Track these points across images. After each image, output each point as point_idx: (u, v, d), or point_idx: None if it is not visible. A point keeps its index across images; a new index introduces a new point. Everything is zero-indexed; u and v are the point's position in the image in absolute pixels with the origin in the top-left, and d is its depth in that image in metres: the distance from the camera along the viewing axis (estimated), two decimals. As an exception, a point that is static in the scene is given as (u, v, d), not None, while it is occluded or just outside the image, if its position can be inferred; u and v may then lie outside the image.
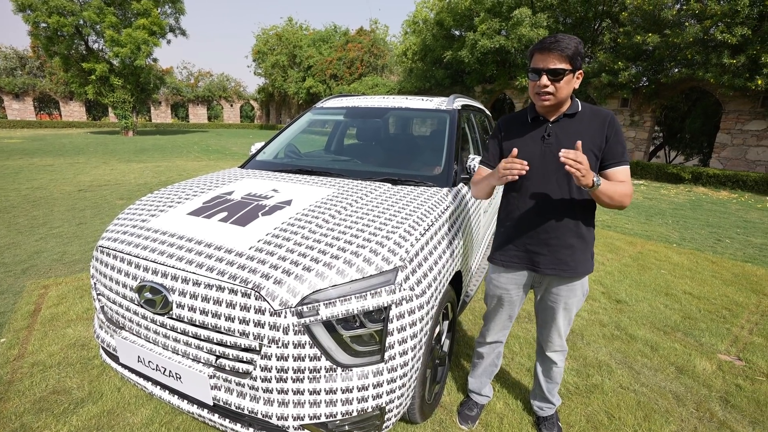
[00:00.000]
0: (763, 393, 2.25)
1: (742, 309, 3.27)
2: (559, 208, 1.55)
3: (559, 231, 1.56)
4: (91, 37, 21.14)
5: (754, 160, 9.66)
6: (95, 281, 1.70)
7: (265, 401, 1.34)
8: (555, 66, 1.41)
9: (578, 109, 1.54)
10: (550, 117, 1.56)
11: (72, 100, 31.10)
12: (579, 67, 1.45)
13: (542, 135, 1.55)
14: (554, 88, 1.44)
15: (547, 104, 1.49)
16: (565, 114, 1.54)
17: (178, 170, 9.80)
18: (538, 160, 1.55)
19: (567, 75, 1.42)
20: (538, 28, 12.83)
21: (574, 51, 1.40)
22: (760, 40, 8.33)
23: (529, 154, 1.56)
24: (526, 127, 1.61)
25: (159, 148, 15.24)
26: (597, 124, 1.51)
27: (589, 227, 1.59)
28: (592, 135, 1.49)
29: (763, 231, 5.85)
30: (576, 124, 1.53)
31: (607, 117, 1.52)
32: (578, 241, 1.57)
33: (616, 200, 1.44)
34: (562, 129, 1.53)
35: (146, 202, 2.00)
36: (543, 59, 1.43)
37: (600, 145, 1.49)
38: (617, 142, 1.49)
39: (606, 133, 1.49)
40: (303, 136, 3.11)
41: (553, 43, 1.41)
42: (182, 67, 42.48)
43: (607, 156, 1.50)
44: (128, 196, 6.72)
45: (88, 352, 2.40)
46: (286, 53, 32.14)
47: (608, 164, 1.50)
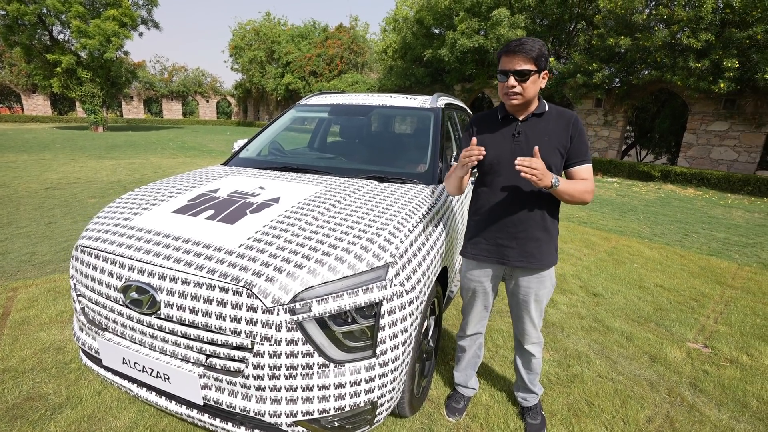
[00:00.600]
0: (728, 377, 2.40)
1: (708, 299, 3.46)
2: (526, 203, 1.63)
3: (526, 224, 1.64)
4: (56, 27, 20.16)
5: (717, 159, 10.18)
6: (75, 282, 1.64)
7: (257, 399, 1.34)
8: (521, 67, 1.49)
9: (545, 109, 1.63)
10: (519, 116, 1.64)
11: (35, 93, 29.59)
12: (544, 68, 1.54)
13: (512, 133, 1.64)
14: (521, 88, 1.52)
15: (516, 103, 1.56)
16: (534, 113, 1.62)
17: (153, 168, 9.50)
18: (508, 157, 1.62)
19: (533, 75, 1.51)
20: (516, 29, 13.08)
21: (538, 53, 1.48)
22: (722, 45, 8.78)
23: (500, 150, 1.64)
24: (497, 125, 1.68)
25: (132, 145, 14.71)
26: (562, 125, 1.60)
27: (553, 221, 1.69)
28: (558, 134, 1.59)
29: (725, 226, 6.19)
30: (543, 123, 1.61)
31: (571, 118, 1.61)
32: (544, 234, 1.66)
33: (576, 197, 1.54)
34: (530, 128, 1.62)
35: (127, 200, 1.94)
36: (509, 61, 1.51)
37: (565, 144, 1.59)
38: (581, 142, 1.59)
39: (570, 133, 1.59)
40: (284, 133, 3.09)
41: (518, 46, 1.48)
42: (155, 61, 40.85)
43: (571, 155, 1.59)
44: (101, 194, 6.47)
45: (64, 356, 2.31)
46: (264, 49, 31.56)
47: (572, 163, 1.60)
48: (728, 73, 8.59)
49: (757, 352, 2.68)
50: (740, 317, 3.15)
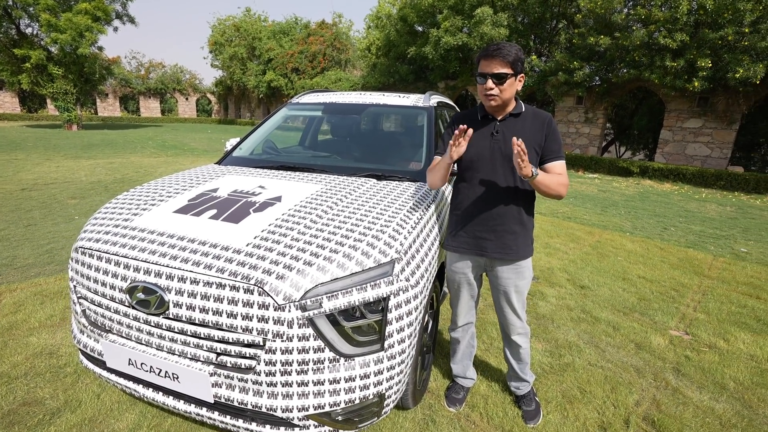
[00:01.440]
0: (707, 362, 2.53)
1: (687, 289, 3.63)
2: (504, 198, 1.72)
3: (504, 218, 1.73)
4: (24, 20, 19.32)
5: (691, 155, 10.60)
6: (75, 284, 1.62)
7: (269, 395, 1.36)
8: (498, 71, 1.57)
9: (522, 110, 1.73)
10: (497, 116, 1.73)
11: (2, 90, 28.31)
12: (520, 72, 1.63)
13: (491, 132, 1.72)
14: (498, 90, 1.61)
15: (494, 104, 1.66)
16: (511, 114, 1.72)
17: (133, 167, 9.26)
18: (487, 154, 1.72)
19: (509, 78, 1.60)
20: (499, 27, 13.24)
21: (515, 57, 1.57)
22: (696, 45, 9.13)
23: (480, 148, 1.73)
24: (477, 124, 1.76)
25: (109, 144, 14.28)
26: (538, 124, 1.70)
27: (529, 215, 1.79)
28: (534, 133, 1.68)
29: (700, 219, 6.47)
30: (520, 123, 1.71)
31: (546, 118, 1.72)
32: (520, 227, 1.76)
33: (552, 189, 1.63)
34: (508, 127, 1.71)
35: (124, 201, 1.92)
36: (488, 65, 1.59)
37: (540, 143, 1.69)
38: (554, 140, 1.69)
39: (545, 132, 1.69)
40: (273, 131, 3.08)
41: (495, 50, 1.57)
42: (131, 57, 39.84)
43: (546, 152, 1.69)
44: (81, 195, 6.29)
45: (58, 360, 2.27)
46: (244, 45, 31.01)
47: (547, 159, 1.70)
48: (702, 72, 8.94)
49: (733, 337, 2.84)
50: (717, 305, 3.32)
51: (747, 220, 6.54)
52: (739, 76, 8.53)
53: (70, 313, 1.82)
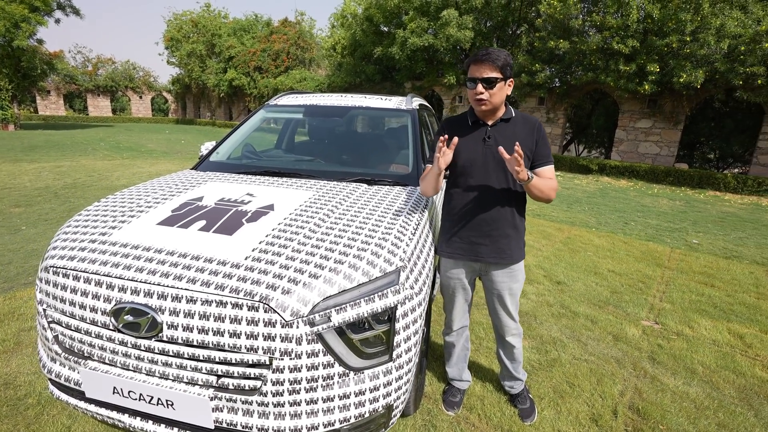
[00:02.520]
0: (677, 348, 2.71)
1: (652, 281, 3.86)
2: (498, 202, 1.75)
3: (498, 223, 1.76)
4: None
5: (643, 153, 11.35)
6: (45, 307, 1.46)
7: (275, 416, 1.29)
8: (488, 75, 1.60)
9: (512, 115, 1.76)
10: (488, 121, 1.75)
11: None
12: (509, 76, 1.66)
13: (483, 137, 1.74)
14: (489, 94, 1.63)
15: (485, 108, 1.68)
16: (502, 119, 1.75)
17: (85, 171, 8.62)
18: (480, 159, 1.73)
19: (499, 83, 1.62)
20: (464, 30, 13.54)
21: (504, 62, 1.60)
22: (646, 51, 9.77)
23: (472, 153, 1.74)
24: (468, 130, 1.78)
25: (54, 145, 13.21)
26: (528, 129, 1.74)
27: (521, 219, 1.83)
28: (524, 138, 1.72)
29: (656, 214, 6.92)
30: (511, 128, 1.74)
31: (535, 123, 1.76)
32: (513, 231, 1.80)
33: (545, 193, 1.68)
34: (499, 132, 1.73)
35: (96, 213, 1.76)
36: (477, 69, 1.61)
37: (531, 147, 1.72)
38: (544, 145, 1.74)
39: (535, 137, 1.73)
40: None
41: (485, 55, 1.60)
42: (76, 52, 36.94)
43: (536, 157, 1.74)
44: (27, 202, 5.76)
45: (16, 391, 2.05)
46: (203, 42, 29.76)
47: (538, 164, 1.74)
48: (651, 76, 9.59)
49: (696, 324, 3.05)
50: (679, 295, 3.56)
51: (695, 213, 7.08)
52: (682, 81, 9.21)
53: (37, 338, 1.64)
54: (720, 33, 8.86)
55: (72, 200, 5.99)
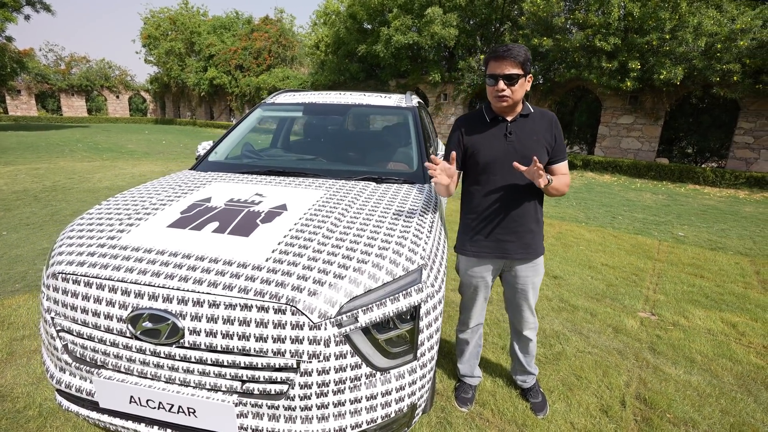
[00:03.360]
0: (675, 338, 2.78)
1: (644, 273, 3.96)
2: (522, 198, 1.76)
3: (523, 219, 1.76)
4: None
5: (626, 148, 11.64)
6: (53, 315, 1.40)
7: (303, 420, 1.27)
8: (509, 71, 1.59)
9: (531, 110, 1.76)
10: (508, 117, 1.74)
11: None
12: (529, 72, 1.66)
13: (504, 133, 1.74)
14: (510, 91, 1.62)
15: (505, 105, 1.67)
16: (521, 114, 1.74)
17: (65, 173, 8.31)
18: (502, 157, 1.72)
19: (520, 79, 1.62)
20: (448, 27, 13.59)
21: (524, 58, 1.60)
22: (627, 48, 10.01)
23: (494, 151, 1.74)
24: (486, 127, 1.77)
25: (28, 147, 12.69)
26: (546, 124, 1.75)
27: (541, 213, 1.86)
28: (543, 133, 1.73)
29: (641, 207, 7.11)
30: (531, 123, 1.74)
31: (552, 118, 1.77)
32: (536, 225, 1.81)
33: (560, 190, 1.72)
34: (520, 128, 1.73)
35: (99, 216, 1.70)
36: (498, 66, 1.60)
37: (550, 142, 1.74)
38: (561, 141, 1.77)
39: (553, 132, 1.74)
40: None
41: (505, 51, 1.59)
42: (47, 50, 35.55)
43: (554, 153, 1.75)
44: (5, 206, 5.52)
45: (14, 404, 1.96)
46: (182, 40, 29.04)
47: (555, 160, 1.76)
48: (632, 73, 9.82)
49: (691, 314, 3.14)
50: (672, 286, 3.66)
51: (678, 207, 7.30)
52: (663, 77, 9.48)
53: (42, 348, 1.57)
54: (697, 31, 9.15)
55: (53, 203, 5.77)
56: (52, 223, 4.80)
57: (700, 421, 2.00)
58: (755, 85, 8.95)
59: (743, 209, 7.25)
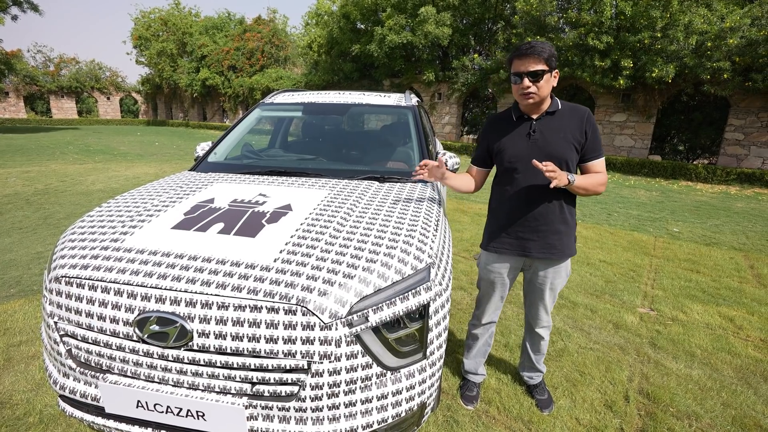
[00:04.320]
0: (675, 333, 2.81)
1: (641, 269, 4.00)
2: (546, 197, 1.72)
3: (548, 218, 1.73)
4: None
5: (619, 146, 11.76)
6: (56, 320, 1.37)
7: (314, 421, 1.26)
8: (534, 68, 1.57)
9: (558, 107, 1.72)
10: (533, 115, 1.72)
11: None
12: (554, 67, 1.63)
13: (528, 132, 1.72)
14: (536, 88, 1.60)
15: (531, 102, 1.64)
16: (547, 112, 1.71)
17: (57, 176, 8.19)
18: (525, 155, 1.70)
19: (545, 75, 1.59)
20: (442, 27, 13.63)
21: (549, 53, 1.58)
22: (620, 47, 10.11)
23: (518, 149, 1.72)
24: (512, 125, 1.76)
25: (18, 150, 12.50)
26: (576, 121, 1.69)
27: (572, 213, 1.80)
28: (572, 130, 1.68)
29: (635, 204, 7.18)
30: (557, 121, 1.70)
31: (584, 114, 1.71)
32: (564, 226, 1.77)
33: (590, 191, 1.68)
34: (545, 125, 1.70)
35: (101, 219, 1.67)
36: (522, 63, 1.59)
37: (580, 140, 1.68)
38: (595, 138, 1.70)
39: (584, 128, 1.68)
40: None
41: (529, 48, 1.57)
42: (35, 51, 34.96)
43: (587, 150, 1.70)
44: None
45: (14, 410, 1.93)
46: (173, 40, 28.81)
47: (588, 158, 1.71)
48: (625, 71, 9.93)
49: (689, 309, 3.18)
50: (669, 281, 3.70)
51: (672, 203, 7.38)
52: (654, 75, 9.59)
53: (43, 353, 1.54)
54: (688, 29, 9.26)
55: (46, 207, 5.69)
56: (45, 227, 4.72)
57: (702, 414, 2.02)
58: (745, 82, 9.09)
59: (735, 205, 7.35)
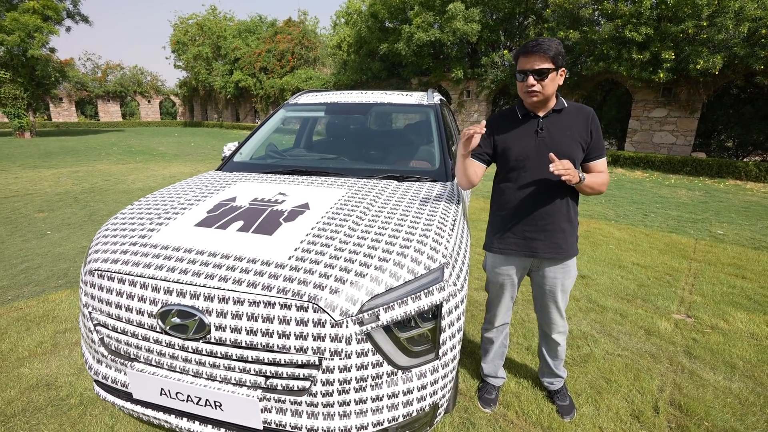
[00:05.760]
0: (714, 342, 2.64)
1: (679, 273, 3.78)
2: (553, 196, 1.70)
3: (554, 217, 1.70)
4: (-35, 21, 17.82)
5: (658, 143, 11.14)
6: (90, 310, 1.47)
7: (325, 416, 1.28)
8: (539, 66, 1.55)
9: (564, 106, 1.70)
10: (539, 113, 1.69)
11: (-58, 97, 26.04)
12: (561, 66, 1.60)
13: (535, 129, 1.69)
14: (540, 86, 1.58)
15: (536, 100, 1.62)
16: (554, 110, 1.69)
17: (102, 175, 8.74)
18: (533, 153, 1.68)
19: (551, 73, 1.57)
20: (471, 23, 13.40)
21: (556, 51, 1.54)
22: (660, 38, 9.57)
23: (525, 147, 1.69)
24: (518, 123, 1.73)
25: (69, 151, 13.43)
26: (581, 120, 1.68)
27: (576, 212, 1.78)
28: (578, 129, 1.66)
29: (675, 205, 6.79)
30: (564, 119, 1.68)
31: (589, 113, 1.69)
32: (569, 225, 1.74)
33: (596, 189, 1.66)
34: (552, 123, 1.68)
35: (132, 216, 1.77)
36: (528, 61, 1.56)
37: (586, 139, 1.67)
38: (599, 137, 1.69)
39: (590, 128, 1.67)
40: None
41: (535, 46, 1.54)
42: (86, 59, 37.51)
43: (591, 150, 1.69)
44: (49, 207, 5.86)
45: (58, 392, 2.08)
46: (209, 44, 29.94)
47: (592, 157, 1.70)
48: (666, 63, 9.38)
49: (731, 317, 2.97)
50: (710, 287, 3.47)
51: (716, 203, 6.92)
52: (699, 67, 9.00)
53: (81, 341, 1.66)
54: (739, 16, 8.63)
55: (92, 204, 6.08)
56: (90, 223, 5.05)
57: (742, 431, 1.89)
58: (803, 72, 8.36)
59: (790, 206, 6.79)
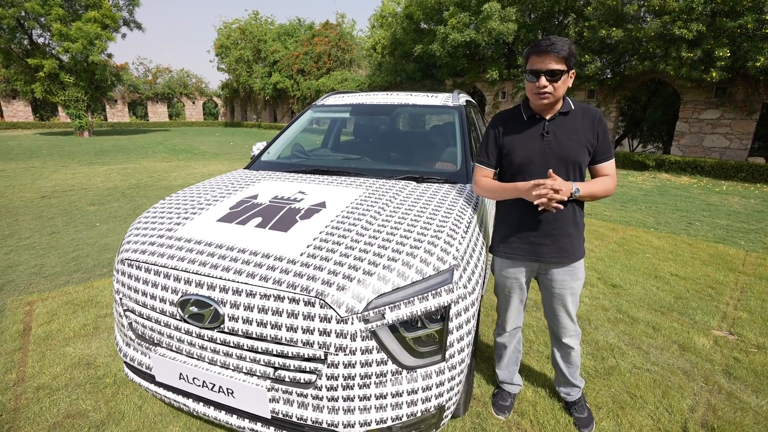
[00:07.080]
0: (759, 363, 2.44)
1: (723, 287, 3.52)
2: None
3: (560, 221, 1.67)
4: (36, 30, 19.56)
5: (709, 147, 10.39)
6: (121, 296, 1.59)
7: (329, 410, 1.31)
8: (553, 67, 1.50)
9: (571, 107, 1.64)
10: (546, 115, 1.65)
11: (15, 99, 28.71)
12: (573, 67, 1.55)
13: (541, 132, 1.65)
14: (552, 87, 1.53)
15: (546, 102, 1.58)
16: (561, 112, 1.64)
17: (147, 172, 9.31)
18: (539, 157, 1.64)
19: (563, 75, 1.52)
20: (507, 22, 13.11)
21: (568, 52, 1.50)
22: (713, 35, 8.93)
23: (530, 150, 1.66)
24: (524, 125, 1.69)
25: (121, 149, 14.40)
26: (588, 122, 1.63)
27: (582, 215, 1.73)
28: (585, 131, 1.62)
29: (725, 213, 6.31)
30: (571, 122, 1.63)
31: (596, 115, 1.64)
32: (575, 229, 1.70)
33: (598, 196, 1.62)
34: (558, 126, 1.63)
35: (162, 210, 1.89)
36: (540, 61, 1.51)
37: (592, 142, 1.62)
38: (606, 140, 1.63)
39: (596, 130, 1.62)
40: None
41: (548, 45, 1.49)
42: (138, 63, 40.17)
43: (597, 152, 1.64)
44: (99, 201, 6.32)
45: (96, 371, 2.25)
46: (250, 48, 31.12)
47: (599, 160, 1.65)
48: (720, 62, 8.75)
49: (780, 336, 2.74)
50: (758, 303, 3.21)
51: (774, 213, 6.37)
52: (759, 65, 8.32)
53: (114, 324, 1.79)
54: (805, 10, 7.90)
55: (136, 199, 6.50)
56: (133, 217, 5.41)
57: (781, 458, 1.74)
58: None
59: None
